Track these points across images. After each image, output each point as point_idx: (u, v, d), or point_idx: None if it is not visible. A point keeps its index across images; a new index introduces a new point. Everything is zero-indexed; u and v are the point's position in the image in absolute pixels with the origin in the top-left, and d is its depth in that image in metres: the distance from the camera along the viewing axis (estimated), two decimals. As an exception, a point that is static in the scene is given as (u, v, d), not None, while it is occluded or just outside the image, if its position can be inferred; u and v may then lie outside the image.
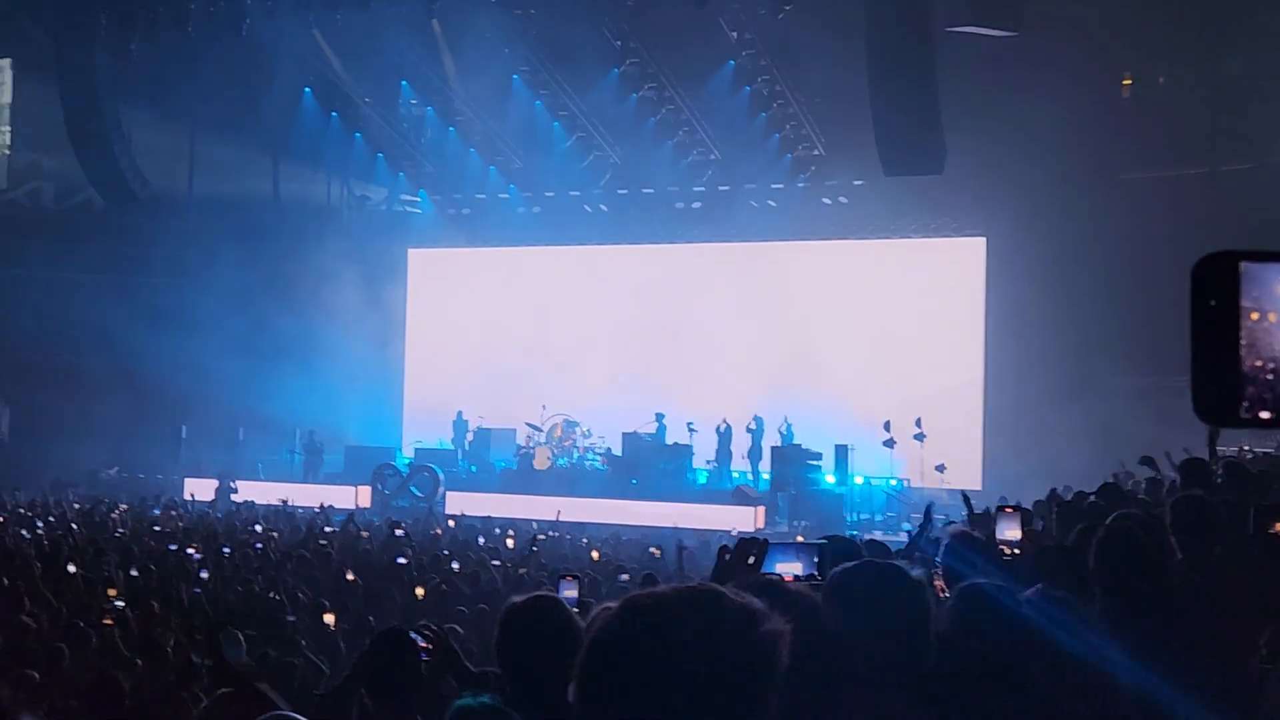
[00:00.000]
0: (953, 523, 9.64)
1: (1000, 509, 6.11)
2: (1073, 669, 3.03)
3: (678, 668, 1.62)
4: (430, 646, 4.50)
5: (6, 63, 31.67)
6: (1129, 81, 25.18)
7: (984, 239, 26.70)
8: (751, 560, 2.97)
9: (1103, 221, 23.57)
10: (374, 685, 4.45)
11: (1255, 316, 1.28)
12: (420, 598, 10.77)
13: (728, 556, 3.04)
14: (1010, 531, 5.51)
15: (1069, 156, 23.09)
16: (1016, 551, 5.33)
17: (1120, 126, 23.54)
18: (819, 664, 2.61)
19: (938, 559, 5.65)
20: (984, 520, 9.18)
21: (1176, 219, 22.69)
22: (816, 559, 3.43)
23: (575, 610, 3.94)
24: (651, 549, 16.50)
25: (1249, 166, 23.54)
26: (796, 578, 3.35)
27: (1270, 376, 1.29)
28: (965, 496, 9.59)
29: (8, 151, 32.40)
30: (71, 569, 11.31)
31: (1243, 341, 1.30)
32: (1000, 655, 2.84)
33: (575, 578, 5.02)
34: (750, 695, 1.64)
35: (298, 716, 3.69)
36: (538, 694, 3.18)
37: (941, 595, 4.23)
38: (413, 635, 4.56)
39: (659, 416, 25.98)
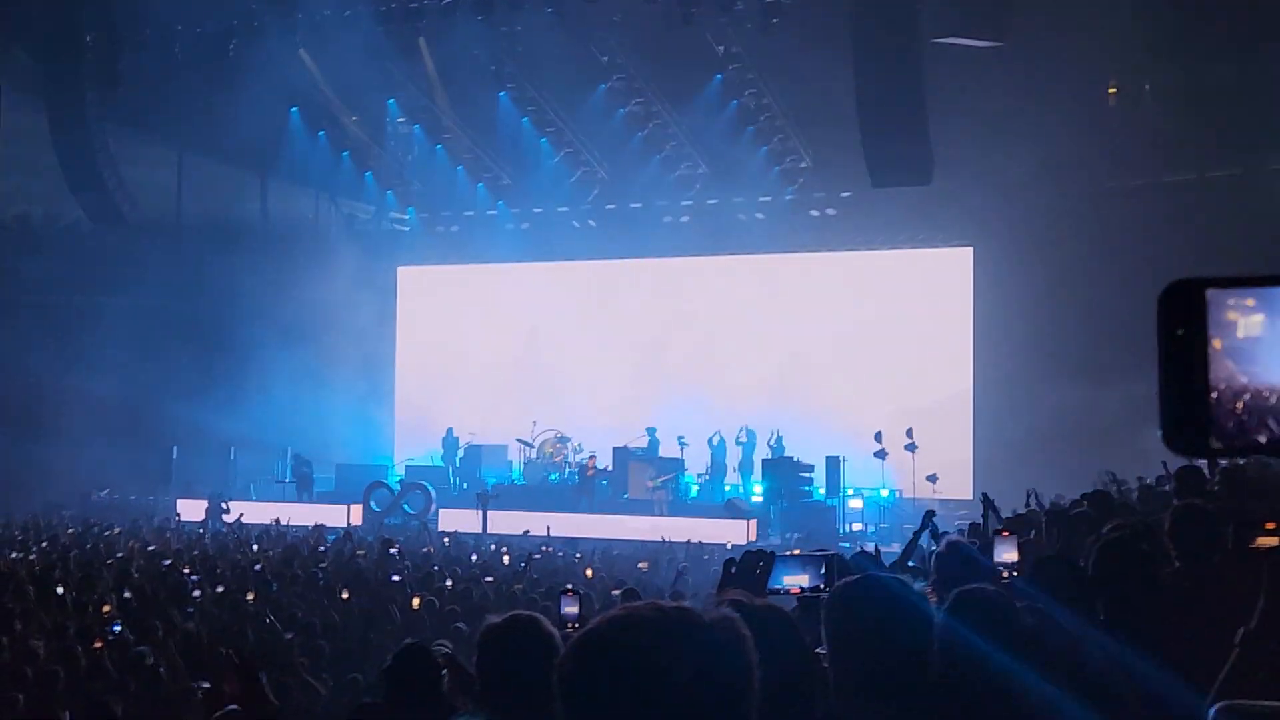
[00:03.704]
0: (945, 534, 9.64)
1: (997, 532, 6.13)
2: (1065, 671, 3.03)
3: (641, 689, 1.59)
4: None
5: (-7, 86, 31.62)
6: (1115, 90, 25.25)
7: (971, 249, 26.75)
8: (758, 573, 2.95)
9: (1090, 230, 23.62)
10: (395, 701, 4.42)
11: (1218, 345, 1.26)
12: (415, 608, 10.78)
13: (734, 570, 3.02)
14: (1007, 554, 5.53)
15: (1056, 166, 23.14)
16: (1015, 574, 5.34)
17: (1107, 135, 23.59)
18: (798, 677, 2.60)
19: (931, 569, 5.66)
20: (982, 531, 9.17)
21: (1164, 227, 22.76)
22: (824, 571, 3.41)
23: (574, 626, 3.92)
24: (640, 564, 16.49)
25: (1237, 173, 23.62)
26: (803, 590, 3.33)
27: (1229, 404, 1.26)
28: (986, 498, 9.55)
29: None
30: (60, 591, 11.27)
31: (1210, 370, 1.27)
32: (992, 660, 2.84)
33: (576, 594, 4.99)
34: (726, 711, 1.62)
35: None
36: (521, 713, 3.15)
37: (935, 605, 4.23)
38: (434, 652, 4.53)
39: (650, 431, 25.97)
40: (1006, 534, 5.85)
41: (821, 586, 3.34)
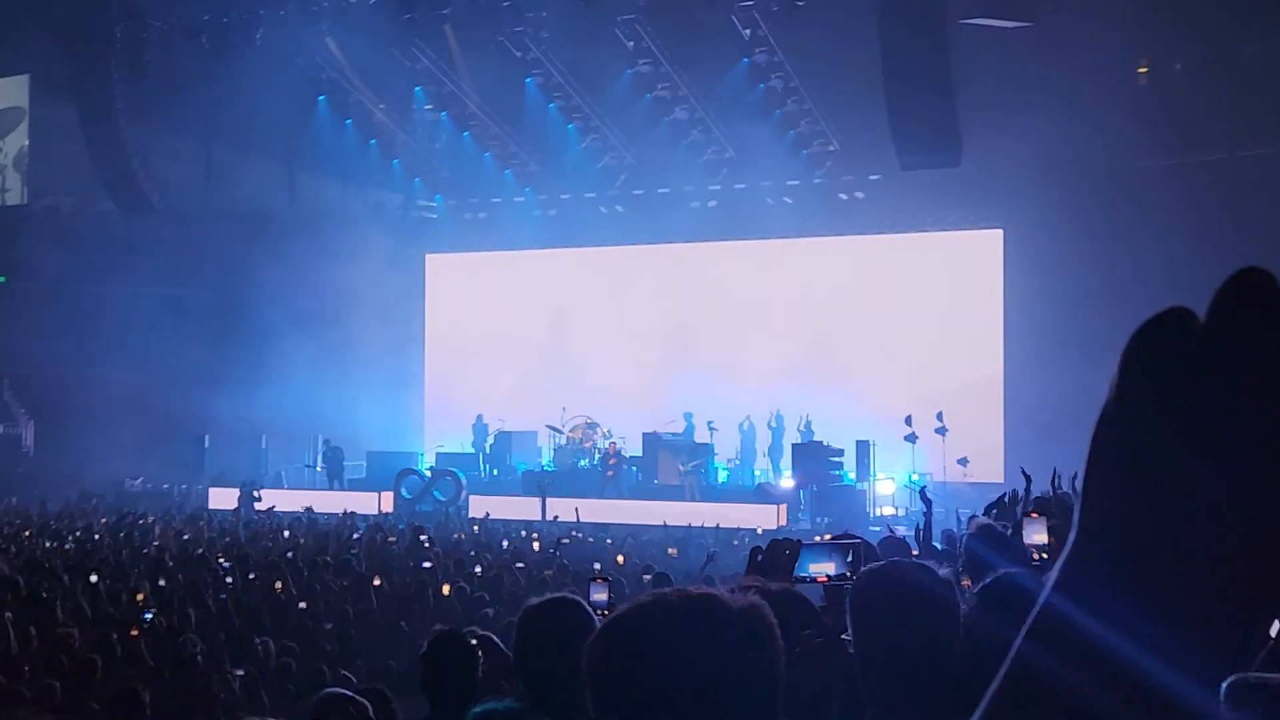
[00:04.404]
0: (975, 516, 9.61)
1: (1026, 513, 6.08)
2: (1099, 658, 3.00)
3: (666, 675, 1.60)
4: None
5: (24, 78, 31.83)
6: (1145, 69, 25.05)
7: (1001, 231, 26.62)
8: (784, 561, 2.94)
9: (1121, 210, 23.47)
10: (431, 687, 4.43)
11: None
12: (446, 594, 10.83)
13: (760, 558, 3.01)
14: (1038, 536, 5.47)
15: (1085, 146, 22.98)
16: (1045, 556, 5.29)
17: (1137, 114, 23.41)
18: (818, 662, 2.59)
19: (960, 552, 5.64)
20: (1010, 511, 9.14)
21: (1195, 207, 22.59)
22: (849, 558, 3.39)
23: (604, 613, 3.92)
24: (669, 549, 16.50)
25: (1268, 152, 23.40)
26: (829, 577, 3.32)
27: None
28: (1024, 472, 9.49)
29: (26, 166, 32.56)
30: (94, 579, 11.37)
31: None
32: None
33: (605, 580, 4.99)
34: (752, 698, 1.62)
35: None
36: (557, 697, 3.16)
37: (967, 590, 4.22)
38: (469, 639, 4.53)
39: (687, 416, 25.97)
40: (1036, 515, 5.80)
41: (848, 574, 3.32)
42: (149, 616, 9.41)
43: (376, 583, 11.78)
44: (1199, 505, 0.75)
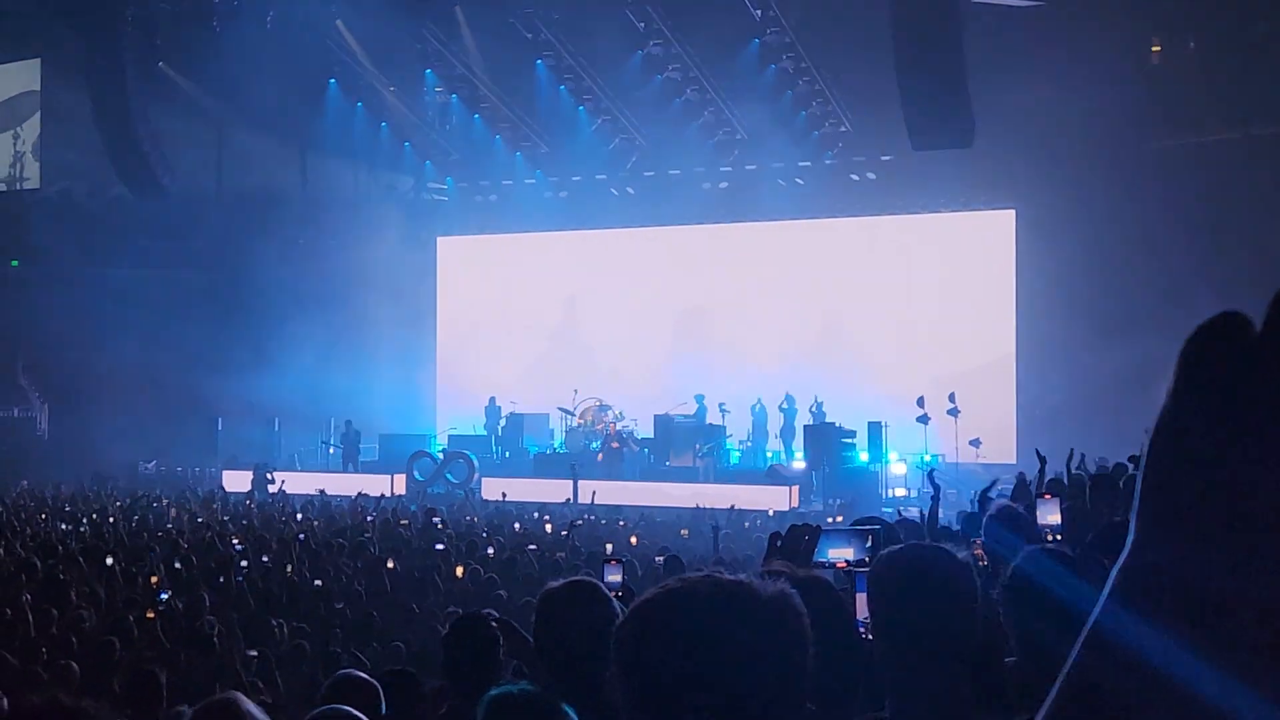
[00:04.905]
0: (992, 498, 9.61)
1: (1039, 495, 6.09)
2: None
3: (697, 661, 1.60)
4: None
5: (35, 62, 31.83)
6: (1158, 48, 24.92)
7: (1014, 211, 26.54)
8: (803, 546, 2.93)
9: (1134, 190, 23.38)
10: (453, 670, 4.44)
11: None
12: (459, 577, 10.86)
13: (779, 544, 3.00)
14: (1051, 517, 5.49)
15: (1099, 125, 22.88)
16: (1059, 537, 5.31)
17: (1151, 93, 23.31)
18: (842, 650, 2.59)
19: (980, 533, 5.64)
20: (1025, 491, 9.15)
21: (1209, 186, 22.49)
22: (869, 544, 3.38)
23: (619, 594, 3.93)
24: (681, 531, 16.51)
25: (1282, 130, 23.30)
26: (848, 563, 3.31)
27: None
28: (1039, 454, 9.51)
29: (38, 149, 32.60)
30: (109, 562, 11.42)
31: None
32: (1050, 632, 2.81)
33: (620, 562, 4.99)
34: (781, 686, 1.62)
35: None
36: (578, 678, 3.17)
37: (982, 564, 4.22)
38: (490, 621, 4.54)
39: (699, 398, 25.97)
40: (1049, 496, 5.81)
41: (867, 560, 3.31)
42: (164, 598, 9.46)
43: (390, 565, 11.81)
44: (1260, 513, 0.74)
